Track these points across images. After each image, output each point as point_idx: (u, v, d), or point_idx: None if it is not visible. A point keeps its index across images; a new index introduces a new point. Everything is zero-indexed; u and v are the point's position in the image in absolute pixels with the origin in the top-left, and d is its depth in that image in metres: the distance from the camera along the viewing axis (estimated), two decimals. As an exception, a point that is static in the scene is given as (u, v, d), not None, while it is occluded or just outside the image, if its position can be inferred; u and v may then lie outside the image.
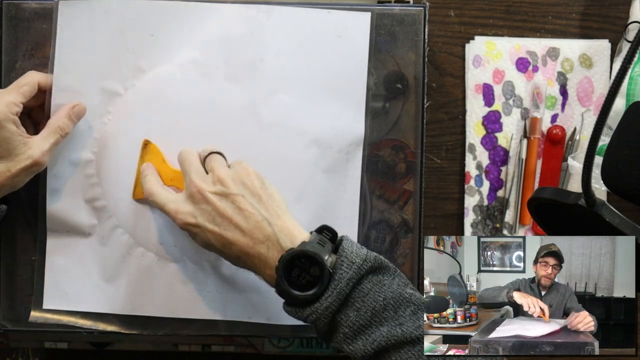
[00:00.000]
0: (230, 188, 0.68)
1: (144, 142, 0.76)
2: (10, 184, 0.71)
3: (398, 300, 0.65)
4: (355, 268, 0.65)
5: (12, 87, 0.72)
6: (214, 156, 0.72)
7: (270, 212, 0.68)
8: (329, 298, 0.64)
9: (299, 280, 0.64)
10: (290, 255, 0.65)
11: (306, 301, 0.65)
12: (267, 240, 0.66)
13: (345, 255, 0.65)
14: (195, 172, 0.70)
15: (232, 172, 0.70)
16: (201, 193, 0.68)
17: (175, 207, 0.69)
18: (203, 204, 0.68)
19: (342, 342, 0.65)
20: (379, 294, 0.65)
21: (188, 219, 0.68)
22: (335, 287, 0.64)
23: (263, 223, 0.67)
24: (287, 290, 0.64)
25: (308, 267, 0.64)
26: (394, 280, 0.66)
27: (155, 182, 0.73)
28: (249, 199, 0.68)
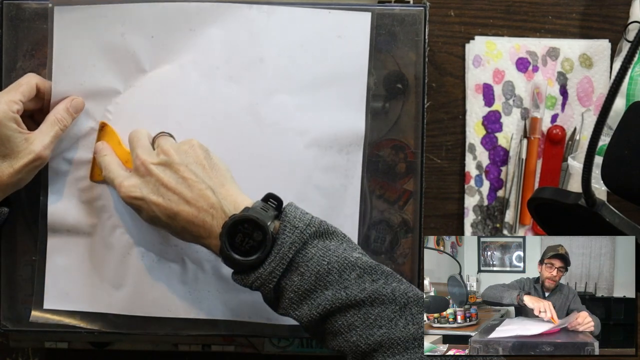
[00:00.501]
0: (173, 158, 0.68)
1: (100, 124, 0.76)
2: (14, 181, 0.72)
3: (343, 264, 0.65)
4: (298, 232, 0.64)
5: (10, 87, 0.73)
6: (163, 135, 0.73)
7: (214, 180, 0.68)
8: (272, 263, 0.64)
9: (242, 245, 0.64)
10: (233, 221, 0.65)
11: (250, 267, 0.65)
12: (212, 208, 0.66)
13: (288, 220, 0.65)
14: (141, 147, 0.70)
15: (176, 144, 0.70)
16: (144, 165, 0.68)
17: (120, 180, 0.70)
18: (147, 176, 0.68)
19: (288, 307, 0.65)
20: (323, 258, 0.65)
21: (132, 191, 0.68)
22: (278, 252, 0.64)
23: (207, 191, 0.67)
24: (231, 255, 0.64)
25: (251, 232, 0.64)
26: (341, 245, 0.66)
27: (111, 159, 0.74)
28: (193, 167, 0.68)
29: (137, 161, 0.69)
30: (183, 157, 0.68)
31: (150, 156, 0.69)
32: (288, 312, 0.66)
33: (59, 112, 0.74)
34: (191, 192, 0.67)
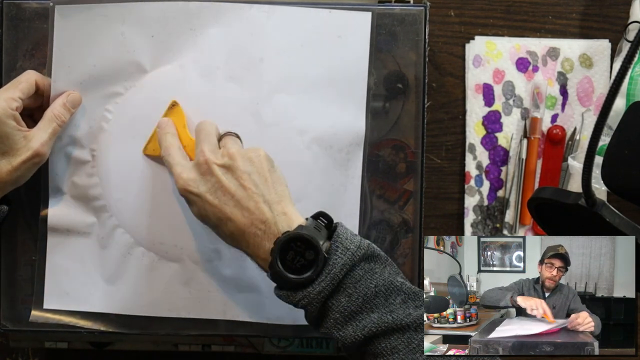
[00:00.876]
0: (237, 163, 0.68)
1: (172, 102, 0.75)
2: (13, 179, 0.72)
3: (389, 288, 0.65)
4: (349, 254, 0.65)
5: (9, 85, 0.73)
6: (231, 136, 0.72)
7: (272, 195, 0.67)
8: (322, 282, 0.64)
9: (293, 263, 0.64)
10: (287, 238, 0.65)
11: (299, 285, 0.64)
12: (265, 222, 0.66)
13: (340, 241, 0.65)
14: (208, 143, 0.70)
15: (243, 150, 0.70)
16: (207, 164, 0.68)
17: (180, 170, 0.69)
18: (207, 175, 0.68)
19: (332, 327, 0.65)
20: (370, 281, 0.65)
21: (190, 185, 0.68)
22: (329, 272, 0.64)
23: (264, 205, 0.67)
24: (281, 272, 0.64)
25: (303, 251, 0.64)
26: (385, 268, 0.67)
27: (174, 142, 0.73)
28: (255, 178, 0.67)
29: (200, 157, 0.69)
30: (247, 165, 0.68)
31: (215, 156, 0.69)
32: (331, 332, 0.65)
33: (56, 108, 0.74)
34: (248, 202, 0.67)
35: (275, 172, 0.69)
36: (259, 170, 0.68)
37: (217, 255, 0.77)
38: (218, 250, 0.77)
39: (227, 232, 0.68)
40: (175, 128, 0.74)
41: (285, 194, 0.69)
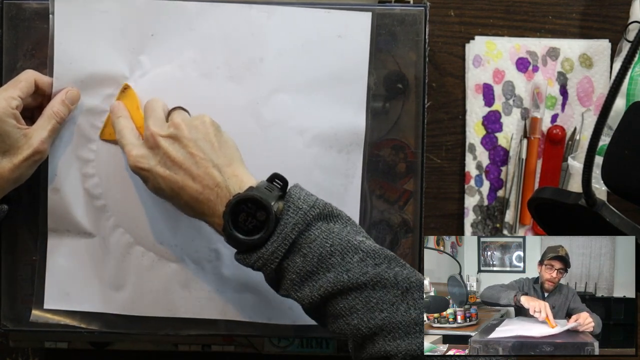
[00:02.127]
0: (182, 132, 0.68)
1: (124, 85, 0.76)
2: (14, 177, 0.72)
3: (346, 247, 0.65)
4: (301, 213, 0.64)
5: (9, 84, 0.73)
6: (178, 109, 0.73)
7: (221, 159, 0.68)
8: (274, 243, 0.64)
9: (245, 225, 0.64)
10: (237, 200, 0.65)
11: (253, 246, 0.64)
12: (217, 186, 0.66)
13: (292, 200, 0.65)
14: (154, 119, 0.70)
15: (188, 118, 0.70)
16: (154, 137, 0.68)
17: (130, 148, 0.70)
18: (155, 149, 0.68)
19: (289, 288, 0.65)
20: (326, 241, 0.64)
21: (140, 162, 0.69)
22: (281, 232, 0.64)
23: (213, 169, 0.67)
24: (233, 234, 0.64)
25: (254, 212, 0.64)
26: (345, 228, 0.66)
27: (126, 123, 0.73)
28: (201, 144, 0.68)
29: (147, 132, 0.69)
30: (193, 133, 0.68)
31: (161, 128, 0.69)
32: (289, 293, 0.65)
33: (55, 105, 0.74)
34: (197, 168, 0.67)
35: (222, 136, 0.69)
36: (205, 136, 0.68)
37: (217, 255, 0.77)
38: (218, 250, 0.77)
39: (182, 201, 0.68)
40: (128, 111, 0.75)
41: (234, 156, 0.69)
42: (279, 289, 0.67)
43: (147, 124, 0.70)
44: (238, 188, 0.66)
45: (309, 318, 0.67)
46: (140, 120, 0.74)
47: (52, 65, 0.75)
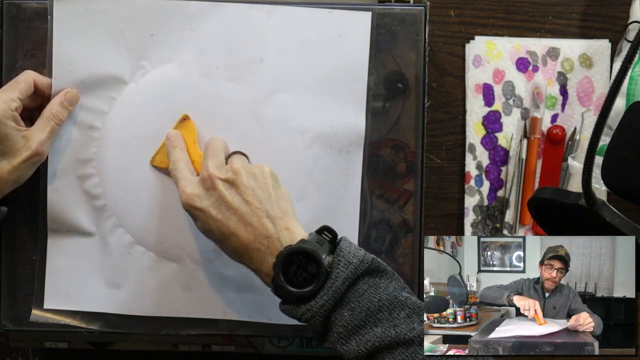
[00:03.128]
0: (241, 179, 0.68)
1: (183, 115, 0.75)
2: (13, 178, 0.72)
3: (393, 302, 0.65)
4: (352, 268, 0.64)
5: (8, 86, 0.73)
6: (238, 154, 0.73)
7: (276, 211, 0.68)
8: (324, 296, 0.64)
9: (295, 277, 0.64)
10: (289, 252, 0.65)
11: (302, 298, 0.64)
12: (268, 238, 0.66)
13: (342, 255, 0.65)
14: (214, 159, 0.70)
15: (248, 166, 0.70)
16: (211, 178, 0.68)
17: (185, 185, 0.69)
18: (211, 190, 0.68)
19: (336, 341, 0.65)
20: (374, 295, 0.65)
21: (193, 200, 0.68)
22: (332, 286, 0.64)
23: (267, 220, 0.67)
24: (284, 286, 0.64)
25: (305, 265, 0.64)
26: (391, 283, 0.66)
27: (182, 156, 0.73)
28: (258, 193, 0.68)
29: (205, 172, 0.69)
30: (251, 181, 0.68)
31: (219, 171, 0.69)
32: (335, 346, 0.65)
33: (54, 106, 0.74)
34: (251, 217, 0.67)
35: (279, 188, 0.69)
36: (263, 186, 0.68)
37: (217, 255, 0.77)
38: (218, 250, 0.77)
39: (230, 247, 0.68)
40: (185, 142, 0.74)
41: (288, 209, 0.69)
42: (325, 341, 0.66)
43: (206, 164, 0.69)
44: (290, 241, 0.66)
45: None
46: (195, 154, 0.74)
47: (51, 65, 0.75)
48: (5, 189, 0.72)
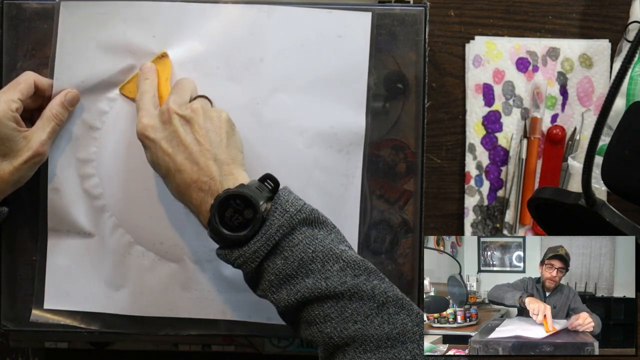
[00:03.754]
0: (197, 118, 0.69)
1: (162, 52, 0.76)
2: (14, 179, 0.72)
3: (327, 254, 0.64)
4: (287, 216, 0.64)
5: (8, 86, 0.73)
6: (203, 98, 0.73)
7: (224, 155, 0.68)
8: (257, 242, 0.64)
9: (231, 221, 0.64)
10: (226, 194, 0.65)
11: (236, 242, 0.64)
12: (211, 179, 0.67)
13: (279, 203, 0.65)
14: (178, 96, 0.71)
15: (207, 108, 0.71)
16: (169, 112, 0.69)
17: (143, 114, 0.70)
18: (167, 124, 0.69)
19: (267, 289, 0.65)
20: (309, 246, 0.64)
21: (147, 130, 0.69)
22: (265, 232, 0.64)
23: (214, 163, 0.67)
24: (218, 228, 0.64)
25: (242, 210, 0.64)
26: (329, 235, 0.66)
27: (150, 88, 0.73)
28: (211, 136, 0.68)
29: (165, 106, 0.69)
30: (207, 123, 0.69)
31: (179, 107, 0.69)
32: (266, 295, 0.65)
33: (54, 107, 0.74)
34: (199, 156, 0.67)
35: (233, 136, 0.70)
36: (217, 129, 0.69)
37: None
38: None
39: (174, 183, 0.68)
40: (157, 77, 0.75)
41: (237, 158, 0.69)
42: (257, 289, 0.67)
43: (168, 99, 0.70)
44: (231, 185, 0.66)
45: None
46: (164, 91, 0.74)
47: (52, 66, 0.76)
48: (6, 190, 0.72)
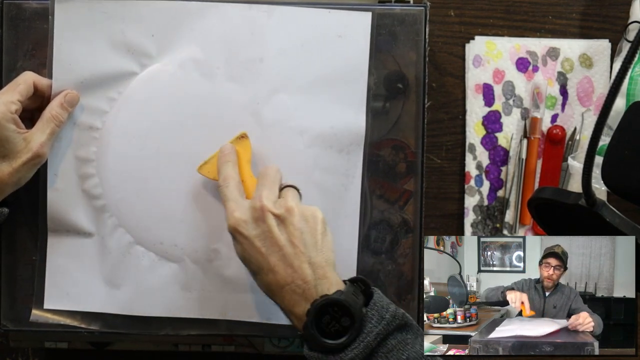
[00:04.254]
0: (292, 219, 0.67)
1: (241, 133, 0.74)
2: (14, 180, 0.72)
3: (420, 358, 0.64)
4: (384, 323, 0.64)
5: (7, 87, 0.73)
6: (292, 189, 0.72)
7: (319, 258, 0.67)
8: (355, 350, 0.63)
9: (328, 328, 0.64)
10: (325, 302, 0.64)
11: (332, 349, 0.64)
12: (306, 283, 0.66)
13: (376, 309, 0.65)
14: (269, 191, 0.69)
15: (302, 207, 0.69)
16: (263, 210, 0.67)
17: (234, 208, 0.68)
18: (260, 221, 0.67)
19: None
20: (402, 352, 0.64)
21: (241, 226, 0.67)
22: (363, 340, 0.63)
23: (308, 266, 0.66)
24: (315, 335, 0.64)
25: (339, 317, 0.64)
26: (417, 339, 0.66)
27: (234, 172, 0.72)
28: (306, 237, 0.67)
29: (257, 202, 0.68)
30: (302, 223, 0.67)
31: (273, 205, 0.68)
32: None
33: (54, 108, 0.74)
34: (294, 259, 0.66)
35: (326, 236, 0.69)
36: (312, 231, 0.68)
37: (217, 255, 0.77)
38: (218, 250, 0.77)
39: (265, 281, 0.67)
40: (237, 159, 0.73)
41: (330, 259, 0.68)
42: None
43: (260, 194, 0.68)
44: (326, 290, 0.66)
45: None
46: (246, 176, 0.73)
47: (51, 66, 0.75)
48: (6, 191, 0.72)
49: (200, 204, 0.76)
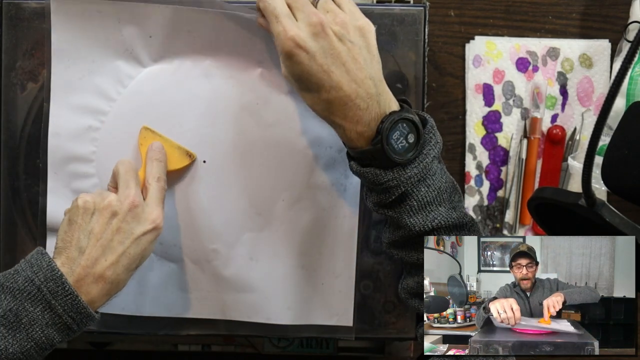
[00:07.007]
0: (351, 35, 0.65)
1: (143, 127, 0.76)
2: None
3: (452, 185, 0.69)
4: (438, 147, 0.68)
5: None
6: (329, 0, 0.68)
7: (377, 72, 0.66)
8: (415, 168, 0.66)
9: (397, 143, 0.65)
10: (399, 117, 0.65)
11: (397, 164, 0.65)
12: (370, 98, 0.65)
13: (433, 132, 0.68)
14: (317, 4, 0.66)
15: (354, 20, 0.66)
16: (322, 25, 0.64)
17: (287, 25, 0.64)
18: (321, 36, 0.64)
19: (404, 212, 0.67)
20: (442, 176, 0.68)
21: (302, 39, 0.63)
22: (423, 160, 0.66)
23: (370, 81, 0.65)
24: (387, 150, 0.64)
25: (407, 134, 0.65)
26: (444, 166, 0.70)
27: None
28: (365, 53, 0.66)
29: (313, 17, 0.64)
30: (360, 40, 0.66)
31: (327, 19, 0.64)
32: (402, 217, 0.67)
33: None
34: (357, 73, 0.64)
35: (377, 50, 0.68)
36: (368, 46, 0.67)
37: (217, 256, 0.77)
38: (217, 250, 0.77)
39: (324, 98, 0.65)
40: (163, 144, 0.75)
41: (381, 74, 0.68)
42: (390, 209, 0.68)
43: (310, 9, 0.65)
44: (387, 106, 0.66)
45: (309, 318, 0.67)
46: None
47: (49, 66, 0.75)
48: None
49: (200, 204, 0.76)
